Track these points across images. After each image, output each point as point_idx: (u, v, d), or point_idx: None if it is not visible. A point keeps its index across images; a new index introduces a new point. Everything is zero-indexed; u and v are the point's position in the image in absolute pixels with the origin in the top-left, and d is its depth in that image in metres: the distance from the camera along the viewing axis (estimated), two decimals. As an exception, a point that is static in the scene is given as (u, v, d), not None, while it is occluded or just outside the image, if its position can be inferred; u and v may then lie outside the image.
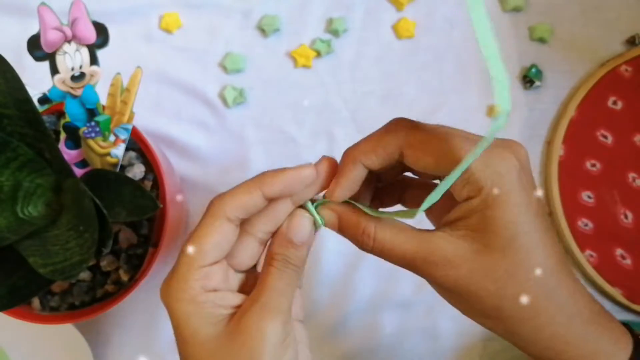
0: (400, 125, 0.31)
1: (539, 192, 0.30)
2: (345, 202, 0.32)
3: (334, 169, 0.32)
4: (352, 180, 0.31)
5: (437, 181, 0.35)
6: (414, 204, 0.36)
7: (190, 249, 0.30)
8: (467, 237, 0.29)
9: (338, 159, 0.34)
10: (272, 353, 0.29)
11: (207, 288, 0.30)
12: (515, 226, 0.28)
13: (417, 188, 0.35)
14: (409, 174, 0.35)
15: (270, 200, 0.31)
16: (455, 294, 0.30)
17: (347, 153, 0.31)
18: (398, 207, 0.36)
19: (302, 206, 0.32)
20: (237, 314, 0.30)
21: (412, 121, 0.31)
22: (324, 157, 0.32)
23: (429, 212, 0.35)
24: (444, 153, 0.29)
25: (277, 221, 0.32)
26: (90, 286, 0.44)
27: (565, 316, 0.29)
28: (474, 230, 0.29)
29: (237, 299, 0.31)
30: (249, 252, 0.33)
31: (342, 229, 0.32)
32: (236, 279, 0.33)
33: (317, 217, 0.32)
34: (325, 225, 0.32)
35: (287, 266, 0.31)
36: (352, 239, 0.32)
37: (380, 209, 0.34)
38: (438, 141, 0.29)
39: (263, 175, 0.31)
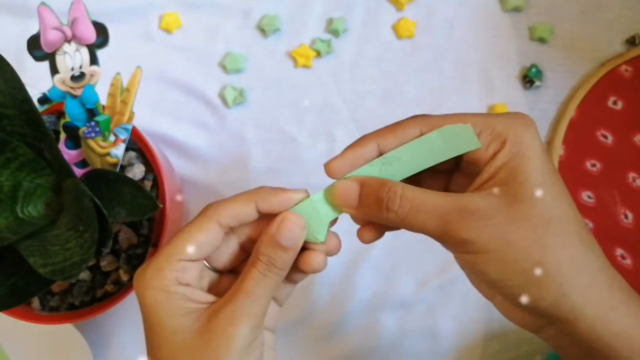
0: (418, 115, 0.32)
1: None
2: None
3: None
4: (357, 154, 0.31)
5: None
6: (432, 185, 0.35)
7: (174, 242, 0.30)
8: (495, 194, 0.29)
9: None
10: (237, 357, 0.29)
11: (180, 281, 0.30)
12: (540, 175, 0.28)
13: (433, 172, 0.35)
14: None
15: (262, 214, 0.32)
16: (493, 254, 0.28)
17: (363, 136, 0.31)
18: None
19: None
20: (209, 311, 0.30)
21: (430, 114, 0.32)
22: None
23: None
24: (465, 121, 0.30)
25: (241, 218, 0.32)
26: (90, 286, 0.44)
27: (606, 277, 0.28)
28: (502, 184, 0.29)
29: (207, 297, 0.31)
30: (228, 251, 0.33)
31: (363, 197, 0.30)
32: (208, 279, 0.33)
33: (323, 231, 0.32)
34: (341, 202, 0.31)
35: (270, 269, 0.30)
36: (376, 203, 0.30)
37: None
38: (457, 116, 0.30)
39: (260, 189, 0.32)
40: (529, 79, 0.54)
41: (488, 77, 0.55)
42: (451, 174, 0.34)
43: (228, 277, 0.34)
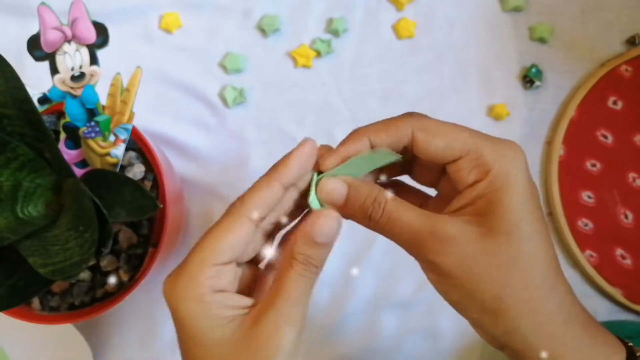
0: (413, 113, 0.31)
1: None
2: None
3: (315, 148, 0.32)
4: (351, 151, 0.31)
5: (431, 191, 0.35)
6: (422, 179, 0.35)
7: (204, 245, 0.29)
8: (472, 221, 0.29)
9: None
10: None
11: (216, 288, 0.29)
12: (521, 211, 0.28)
13: (407, 193, 0.35)
14: (399, 178, 0.35)
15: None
16: (455, 280, 0.29)
17: (356, 130, 0.31)
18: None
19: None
20: (251, 318, 0.29)
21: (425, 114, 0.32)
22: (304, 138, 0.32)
23: (429, 206, 0.34)
24: (455, 137, 0.30)
25: (283, 210, 0.31)
26: (90, 286, 0.44)
27: (564, 315, 0.29)
28: (479, 215, 0.29)
29: (243, 301, 0.30)
30: (254, 242, 0.32)
31: (350, 200, 0.31)
32: (237, 277, 0.32)
33: (314, 193, 0.31)
34: (327, 199, 0.31)
35: (308, 268, 0.30)
36: (360, 209, 0.30)
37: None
38: (450, 127, 0.30)
39: (275, 168, 0.31)
40: (529, 79, 0.54)
41: (488, 77, 0.55)
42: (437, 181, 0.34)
43: (249, 268, 0.33)
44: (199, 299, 0.29)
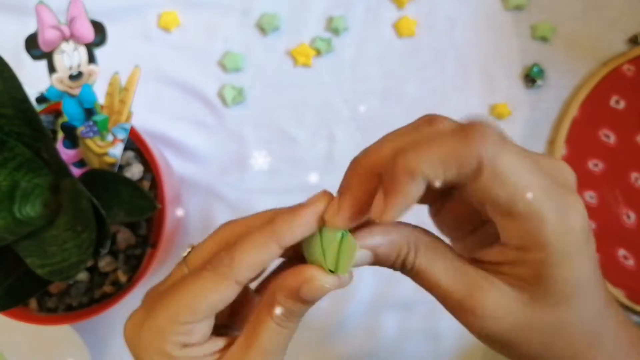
0: (487, 134, 0.23)
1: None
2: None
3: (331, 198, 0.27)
4: (410, 198, 0.24)
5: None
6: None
7: (180, 299, 0.26)
8: (514, 285, 0.25)
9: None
10: None
11: (186, 343, 0.27)
12: (575, 286, 0.25)
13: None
14: None
15: None
16: (494, 343, 0.27)
17: (402, 162, 0.23)
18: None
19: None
20: None
21: (499, 131, 0.24)
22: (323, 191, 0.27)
23: (434, 215, 0.30)
24: (523, 193, 0.23)
25: (264, 265, 0.27)
26: (88, 287, 0.44)
27: (613, 348, 0.27)
28: (523, 280, 0.25)
29: (213, 346, 0.28)
30: (227, 296, 0.27)
31: (376, 262, 0.27)
32: (212, 324, 0.29)
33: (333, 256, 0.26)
34: (353, 266, 0.26)
35: (290, 320, 0.27)
36: (387, 265, 0.27)
37: None
38: (526, 172, 0.23)
39: (276, 224, 0.26)
40: (531, 78, 0.54)
41: (489, 76, 0.55)
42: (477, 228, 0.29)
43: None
44: (164, 354, 0.26)
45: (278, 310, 0.26)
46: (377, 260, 0.27)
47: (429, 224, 0.30)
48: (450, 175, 0.23)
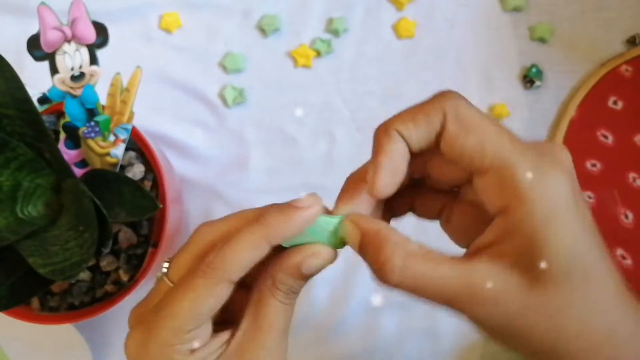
0: (447, 93, 0.26)
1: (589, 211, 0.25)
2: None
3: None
4: (393, 158, 0.26)
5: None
6: (426, 211, 0.31)
7: (178, 311, 0.26)
8: (514, 267, 0.24)
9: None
10: None
11: (192, 348, 0.27)
12: (573, 254, 0.24)
13: (428, 193, 0.31)
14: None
15: None
16: (503, 333, 0.25)
17: (381, 125, 0.26)
18: (409, 216, 0.33)
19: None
20: (233, 351, 0.28)
21: (461, 95, 0.26)
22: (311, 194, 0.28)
23: (445, 223, 0.30)
24: (490, 139, 0.24)
25: (254, 263, 0.28)
26: (90, 286, 0.44)
27: (631, 351, 0.25)
28: (520, 255, 0.24)
29: (219, 341, 0.28)
30: (223, 296, 0.28)
31: (362, 247, 0.27)
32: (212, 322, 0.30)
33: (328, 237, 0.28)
34: (342, 246, 0.28)
35: (290, 297, 0.28)
36: (370, 266, 0.27)
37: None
38: (488, 123, 0.25)
39: (267, 220, 0.27)
40: (529, 78, 0.54)
41: (488, 77, 0.55)
42: (452, 199, 0.30)
43: None
44: None
45: (282, 288, 0.28)
46: (363, 245, 0.27)
47: (433, 241, 0.30)
48: (421, 131, 0.26)
